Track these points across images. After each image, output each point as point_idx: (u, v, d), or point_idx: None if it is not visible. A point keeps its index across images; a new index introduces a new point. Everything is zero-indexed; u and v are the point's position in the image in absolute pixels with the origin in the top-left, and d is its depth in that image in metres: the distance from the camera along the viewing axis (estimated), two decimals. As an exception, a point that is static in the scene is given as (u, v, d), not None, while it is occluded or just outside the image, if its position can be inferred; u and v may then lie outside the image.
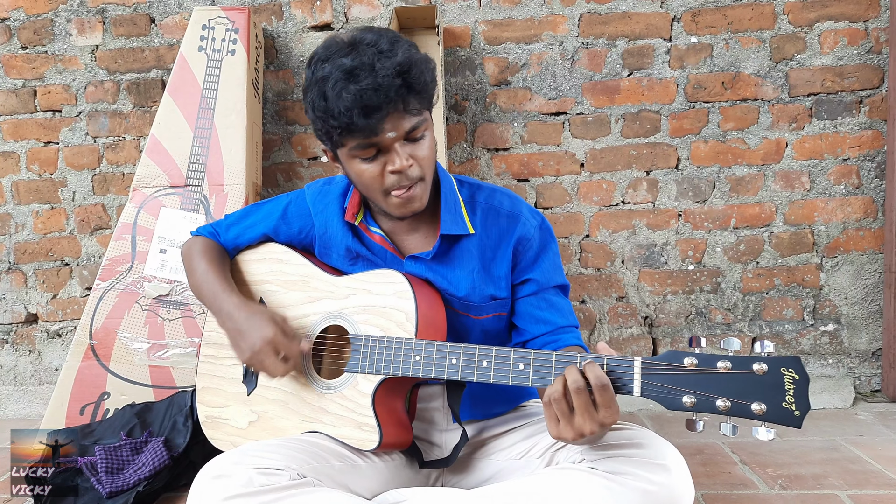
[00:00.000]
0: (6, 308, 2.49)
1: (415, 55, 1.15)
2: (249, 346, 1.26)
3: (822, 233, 2.27)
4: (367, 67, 1.10)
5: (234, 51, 2.13)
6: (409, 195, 1.21)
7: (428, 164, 1.22)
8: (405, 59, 1.12)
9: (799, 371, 0.96)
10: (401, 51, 1.13)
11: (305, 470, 1.15)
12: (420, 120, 1.17)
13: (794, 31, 2.21)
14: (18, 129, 2.42)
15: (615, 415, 1.00)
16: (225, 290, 1.37)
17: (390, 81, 1.10)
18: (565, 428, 1.02)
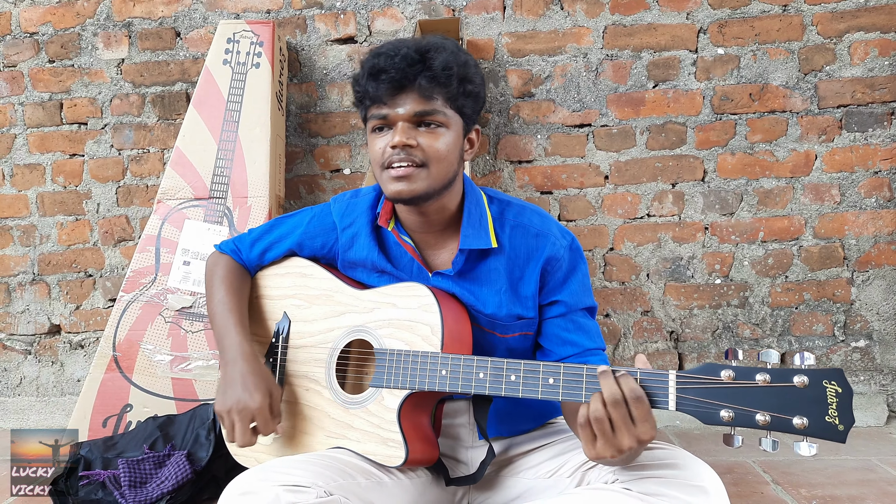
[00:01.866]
0: (30, 319, 2.50)
1: (453, 53, 1.18)
2: (234, 400, 1.25)
3: (852, 246, 2.22)
4: (396, 45, 1.20)
5: (258, 64, 2.14)
6: (403, 173, 1.19)
7: (434, 156, 1.20)
8: (433, 46, 1.18)
9: (842, 384, 0.93)
10: (438, 44, 1.19)
11: (332, 487, 1.13)
12: (433, 108, 1.18)
13: (823, 42, 2.18)
14: (45, 141, 2.45)
15: (652, 430, 0.97)
16: (236, 330, 1.35)
17: (406, 53, 1.17)
18: (604, 447, 0.99)
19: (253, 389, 1.25)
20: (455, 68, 1.17)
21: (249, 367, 1.29)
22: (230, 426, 1.26)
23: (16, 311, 2.51)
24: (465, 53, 1.22)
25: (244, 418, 1.24)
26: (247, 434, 1.25)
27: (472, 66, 1.21)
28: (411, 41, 1.21)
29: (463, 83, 1.19)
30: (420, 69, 1.16)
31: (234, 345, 1.33)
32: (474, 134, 1.30)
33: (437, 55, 1.17)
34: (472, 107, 1.24)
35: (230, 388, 1.27)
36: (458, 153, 1.25)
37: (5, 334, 2.52)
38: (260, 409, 1.24)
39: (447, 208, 1.31)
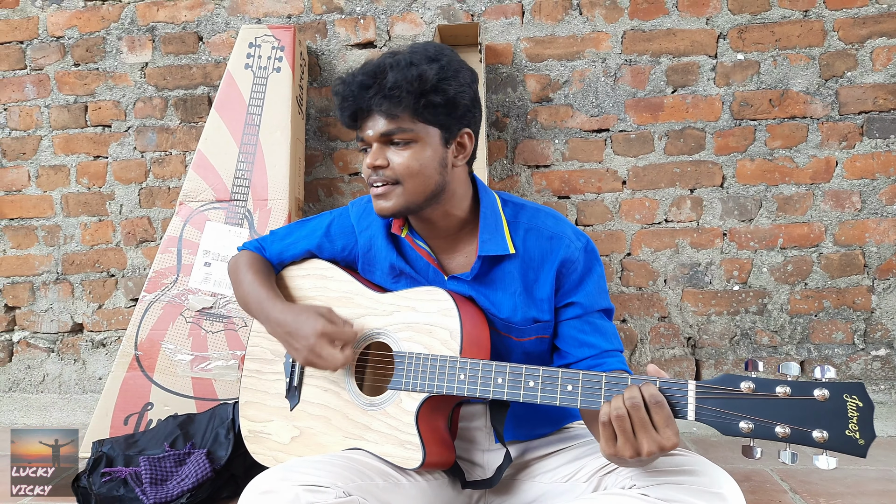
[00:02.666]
0: (53, 318, 2.55)
1: (407, 68, 1.18)
2: (304, 343, 1.27)
3: (873, 254, 2.20)
4: (356, 71, 1.23)
5: (279, 68, 2.16)
6: (380, 191, 1.25)
7: (405, 172, 1.22)
8: (390, 64, 1.18)
9: (863, 398, 0.93)
10: (396, 61, 1.19)
11: (351, 488, 1.14)
12: (396, 127, 1.20)
13: (844, 48, 2.17)
14: (69, 143, 2.49)
15: (675, 437, 0.98)
16: (270, 297, 1.39)
17: (361, 80, 1.20)
18: (623, 446, 0.99)
19: (307, 321, 1.28)
20: (406, 85, 1.16)
21: (292, 313, 1.32)
22: (320, 360, 1.27)
23: (40, 310, 2.55)
24: (429, 63, 1.19)
25: (324, 346, 1.26)
26: (337, 354, 1.26)
27: (434, 78, 1.18)
28: (373, 61, 1.22)
29: (424, 96, 1.18)
30: (374, 92, 1.18)
31: (274, 307, 1.36)
32: (465, 138, 1.27)
33: (389, 74, 1.17)
34: (449, 115, 1.22)
35: (293, 340, 1.30)
36: (437, 164, 1.24)
37: (29, 332, 2.57)
38: (325, 328, 1.26)
39: (453, 215, 1.32)
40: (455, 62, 1.23)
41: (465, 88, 1.23)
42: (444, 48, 1.25)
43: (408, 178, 1.22)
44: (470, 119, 1.27)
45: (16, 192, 2.53)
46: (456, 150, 1.27)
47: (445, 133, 1.24)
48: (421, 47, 1.23)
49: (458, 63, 1.24)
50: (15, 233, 2.54)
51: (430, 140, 1.22)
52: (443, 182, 1.26)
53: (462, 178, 1.32)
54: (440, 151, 1.24)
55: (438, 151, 1.24)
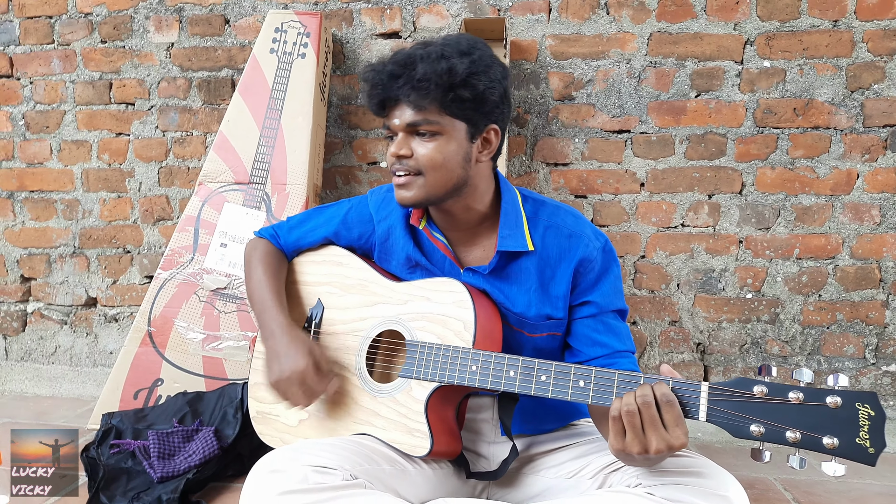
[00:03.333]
0: (68, 290, 2.58)
1: (438, 61, 1.17)
2: (279, 371, 1.29)
3: (890, 269, 2.18)
4: (385, 60, 1.23)
5: (304, 54, 2.17)
6: (401, 181, 1.25)
7: (428, 164, 1.22)
8: (421, 56, 1.18)
9: (875, 407, 0.94)
10: (427, 53, 1.19)
11: (357, 471, 1.16)
12: (423, 118, 1.20)
13: (872, 60, 2.15)
14: (93, 119, 2.51)
15: (683, 437, 0.98)
16: (274, 306, 1.40)
17: (391, 69, 1.20)
18: (632, 441, 1.00)
19: (296, 355, 1.29)
20: (435, 78, 1.16)
21: (289, 337, 1.33)
22: (284, 394, 1.30)
23: (55, 282, 2.58)
24: (460, 57, 1.18)
25: (295, 383, 1.28)
26: (302, 396, 1.29)
27: (464, 73, 1.17)
28: (405, 51, 1.22)
29: (452, 90, 1.17)
30: (403, 82, 1.19)
31: (272, 319, 1.37)
32: (491, 134, 1.27)
33: (419, 66, 1.17)
34: (476, 110, 1.22)
35: (275, 360, 1.32)
36: (460, 158, 1.24)
37: (43, 304, 2.60)
38: (307, 370, 1.27)
39: (473, 208, 1.32)
40: (487, 57, 1.22)
41: (494, 84, 1.22)
42: (478, 42, 1.24)
43: (430, 171, 1.23)
44: (498, 115, 1.26)
45: (37, 164, 2.56)
46: (481, 146, 1.27)
47: (472, 128, 1.23)
48: (454, 39, 1.22)
49: (490, 58, 1.23)
50: (34, 205, 2.57)
51: (456, 134, 1.22)
52: (465, 176, 1.26)
53: (485, 174, 1.32)
54: (465, 146, 1.24)
55: (463, 146, 1.24)
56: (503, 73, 1.26)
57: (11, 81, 2.54)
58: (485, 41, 1.27)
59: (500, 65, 1.25)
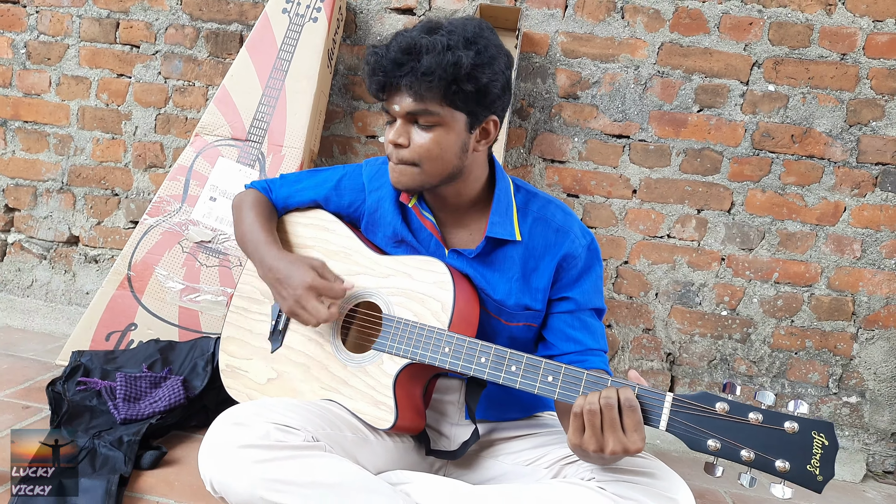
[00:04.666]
0: (51, 226, 2.56)
1: (443, 52, 1.14)
2: (291, 293, 1.29)
3: (863, 303, 2.23)
4: (389, 44, 1.19)
5: (316, 18, 2.16)
6: (396, 169, 1.26)
7: (425, 155, 1.22)
8: (425, 46, 1.15)
9: (829, 437, 0.97)
10: (432, 43, 1.15)
11: (320, 435, 1.17)
12: (424, 108, 1.19)
13: (874, 97, 2.18)
14: (95, 57, 2.49)
15: (640, 443, 1.01)
16: (268, 242, 1.40)
17: (394, 56, 1.17)
18: (589, 439, 1.02)
19: (299, 273, 1.29)
20: (439, 71, 1.14)
21: (286, 261, 1.33)
22: (305, 314, 1.27)
23: (39, 216, 2.56)
24: (466, 49, 1.16)
25: (310, 298, 1.27)
26: (322, 308, 1.26)
27: (468, 66, 1.16)
28: (410, 35, 1.18)
29: (455, 83, 1.16)
30: (406, 71, 1.16)
31: (268, 253, 1.37)
32: (490, 125, 1.26)
33: (424, 57, 1.15)
34: (478, 103, 1.21)
35: (282, 288, 1.31)
36: (458, 148, 1.24)
37: (25, 236, 2.58)
38: (314, 281, 1.27)
39: (465, 194, 1.33)
40: (492, 47, 1.20)
41: (498, 76, 1.21)
42: (484, 29, 1.22)
43: (427, 161, 1.23)
44: (499, 106, 1.26)
45: (34, 95, 2.53)
46: (479, 136, 1.26)
47: (472, 119, 1.23)
48: (460, 26, 1.19)
49: (496, 48, 1.21)
50: (27, 136, 2.54)
51: (455, 125, 1.22)
52: (461, 165, 1.27)
53: (481, 161, 1.33)
54: (463, 136, 1.24)
55: (461, 136, 1.23)
56: (507, 62, 1.25)
57: (17, 8, 2.50)
58: (491, 26, 1.25)
59: (505, 54, 1.24)
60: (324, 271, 1.31)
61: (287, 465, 1.08)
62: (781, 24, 2.19)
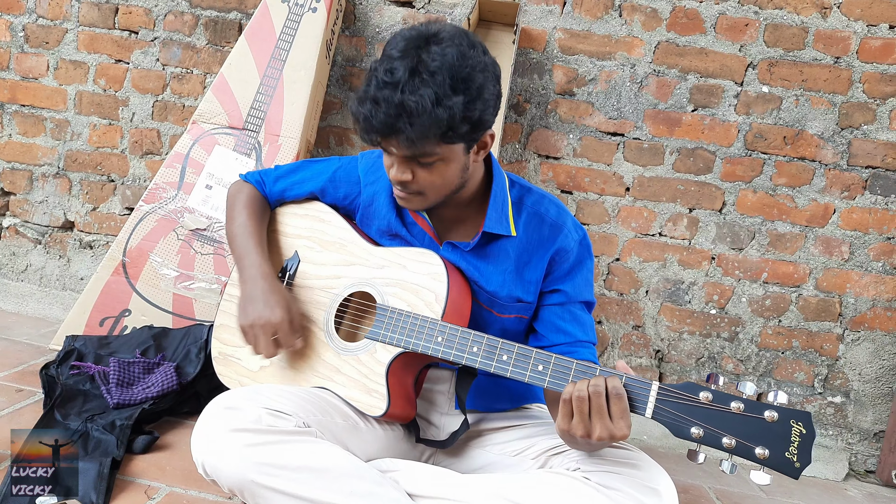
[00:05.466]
0: (46, 211, 2.56)
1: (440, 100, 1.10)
2: (254, 316, 1.31)
3: (850, 305, 2.26)
4: (383, 92, 1.12)
5: (315, 9, 2.16)
6: (404, 197, 1.27)
7: (428, 187, 1.23)
8: (416, 106, 1.10)
9: (807, 426, 0.99)
10: (428, 91, 1.10)
11: (311, 421, 1.19)
12: (422, 151, 1.16)
13: (866, 102, 2.20)
14: (94, 42, 2.49)
15: (626, 429, 1.03)
16: (256, 251, 1.41)
17: (384, 118, 1.12)
18: (577, 425, 1.05)
19: (274, 305, 1.31)
20: (433, 129, 1.12)
21: (269, 285, 1.35)
22: (253, 339, 1.32)
23: (34, 200, 2.56)
24: (455, 94, 1.12)
25: (267, 332, 1.30)
26: (270, 346, 1.31)
27: (461, 112, 1.13)
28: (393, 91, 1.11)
29: (450, 130, 1.14)
30: (398, 130, 1.12)
31: (253, 264, 1.38)
32: (487, 138, 1.25)
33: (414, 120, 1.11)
34: (473, 133, 1.19)
35: (251, 304, 1.33)
36: (459, 171, 1.25)
37: (20, 220, 2.58)
38: (281, 323, 1.30)
39: (463, 195, 1.34)
40: (479, 74, 1.15)
41: (490, 102, 1.18)
42: (467, 55, 1.14)
43: (431, 190, 1.25)
44: (492, 122, 1.24)
45: (32, 79, 2.52)
46: (477, 149, 1.26)
47: (469, 143, 1.22)
48: (447, 65, 1.12)
49: (483, 70, 1.16)
50: (24, 119, 2.54)
51: (455, 155, 1.21)
52: (464, 181, 1.29)
53: (478, 165, 1.33)
54: (463, 160, 1.24)
55: (461, 160, 1.24)
56: (495, 76, 1.21)
57: (16, -9, 2.50)
58: (472, 36, 1.19)
59: (492, 70, 1.20)
60: (294, 318, 1.33)
61: (278, 450, 1.10)
62: (777, 26, 2.21)
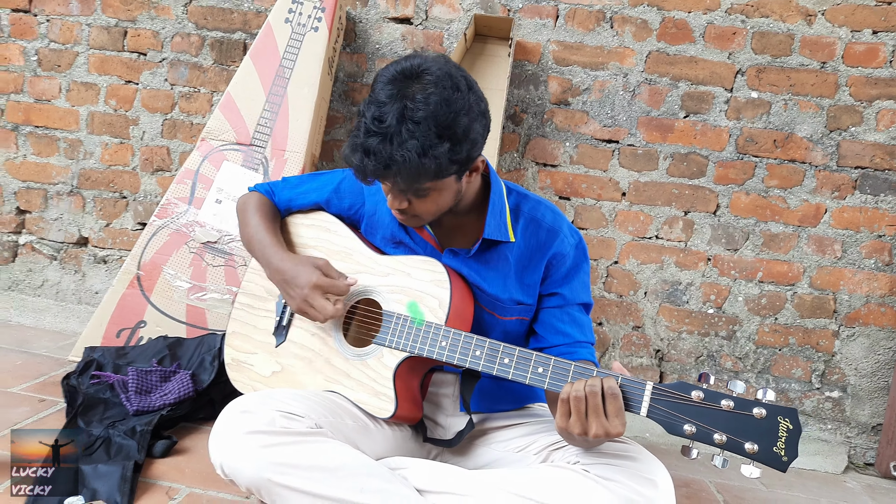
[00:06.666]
0: (61, 227, 2.64)
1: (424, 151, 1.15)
2: (298, 293, 1.37)
3: (844, 302, 2.32)
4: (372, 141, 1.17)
5: (317, 28, 2.25)
6: (403, 219, 1.35)
7: (426, 212, 1.31)
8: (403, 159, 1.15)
9: (794, 422, 1.05)
10: (414, 142, 1.15)
11: (322, 422, 1.25)
12: (415, 187, 1.23)
13: (853, 104, 2.27)
14: (104, 64, 2.57)
15: (621, 427, 1.09)
16: (273, 244, 1.48)
17: (375, 168, 1.18)
18: (574, 423, 1.11)
19: (305, 273, 1.37)
20: (423, 177, 1.18)
21: (291, 262, 1.41)
22: (313, 312, 1.36)
23: (49, 218, 2.65)
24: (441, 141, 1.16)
25: (317, 297, 1.35)
26: (328, 305, 1.35)
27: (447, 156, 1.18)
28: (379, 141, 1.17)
29: (439, 170, 1.19)
30: (392, 174, 1.19)
31: (274, 255, 1.45)
32: (478, 163, 1.30)
33: (403, 171, 1.17)
34: (464, 166, 1.24)
35: (289, 288, 1.40)
36: (454, 194, 1.31)
37: (36, 237, 2.67)
38: (320, 280, 1.36)
39: (461, 205, 1.40)
40: (465, 115, 1.19)
41: (478, 136, 1.23)
42: (451, 100, 1.18)
43: (428, 215, 1.32)
44: (481, 150, 1.29)
45: (45, 101, 2.61)
46: (469, 174, 1.31)
47: (460, 174, 1.28)
48: (430, 112, 1.16)
49: (468, 117, 1.20)
50: (38, 140, 2.63)
51: (447, 185, 1.27)
52: (458, 200, 1.35)
53: (474, 181, 1.38)
54: (456, 186, 1.30)
55: (454, 187, 1.29)
56: (481, 113, 1.25)
57: (28, 17, 2.59)
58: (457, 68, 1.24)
59: (477, 110, 1.24)
60: (328, 269, 1.40)
61: (292, 450, 1.16)
62: (764, 33, 2.28)
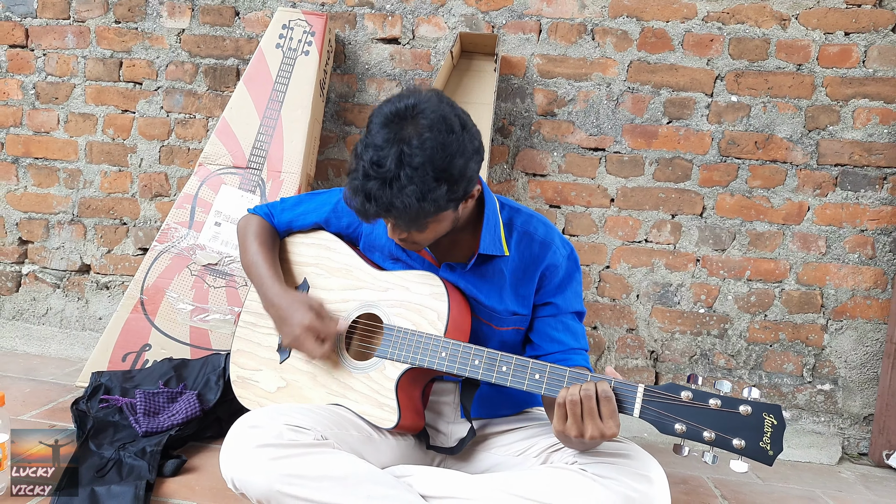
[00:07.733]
0: (63, 256, 2.69)
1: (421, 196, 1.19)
2: (290, 332, 1.44)
3: (831, 296, 2.38)
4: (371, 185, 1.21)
5: (308, 52, 2.31)
6: (405, 246, 1.40)
7: (425, 241, 1.36)
8: (402, 205, 1.20)
9: (778, 417, 1.10)
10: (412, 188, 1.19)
11: (328, 434, 1.30)
12: (414, 226, 1.27)
13: (829, 104, 2.34)
14: (101, 94, 2.63)
15: (616, 428, 1.14)
16: (271, 276, 1.54)
17: (376, 212, 1.24)
18: (571, 426, 1.16)
19: (298, 312, 1.43)
20: (422, 219, 1.23)
21: (288, 300, 1.47)
22: (302, 350, 1.44)
23: (51, 247, 2.70)
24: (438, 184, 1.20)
25: (307, 338, 1.42)
26: (317, 348, 1.42)
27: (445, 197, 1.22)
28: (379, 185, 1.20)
29: (438, 210, 1.24)
30: (392, 217, 1.25)
31: (270, 289, 1.51)
32: (474, 192, 1.34)
33: (402, 215, 1.22)
34: (461, 200, 1.29)
35: (283, 325, 1.47)
36: (452, 220, 1.35)
37: (38, 267, 2.71)
38: (312, 323, 1.42)
39: (455, 228, 1.43)
40: (460, 161, 1.23)
41: (473, 172, 1.27)
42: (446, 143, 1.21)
43: (427, 242, 1.38)
44: (476, 181, 1.33)
45: (44, 133, 2.67)
46: (465, 202, 1.36)
47: (457, 206, 1.33)
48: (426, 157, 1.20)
49: (463, 157, 1.24)
50: (38, 171, 2.68)
51: (446, 216, 1.32)
52: (455, 225, 1.39)
53: (469, 205, 1.41)
54: (453, 215, 1.35)
55: (452, 216, 1.34)
56: (475, 150, 1.28)
57: (26, 52, 2.65)
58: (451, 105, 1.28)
59: (471, 147, 1.27)
60: (321, 311, 1.45)
61: (300, 461, 1.21)
62: (740, 39, 2.36)
